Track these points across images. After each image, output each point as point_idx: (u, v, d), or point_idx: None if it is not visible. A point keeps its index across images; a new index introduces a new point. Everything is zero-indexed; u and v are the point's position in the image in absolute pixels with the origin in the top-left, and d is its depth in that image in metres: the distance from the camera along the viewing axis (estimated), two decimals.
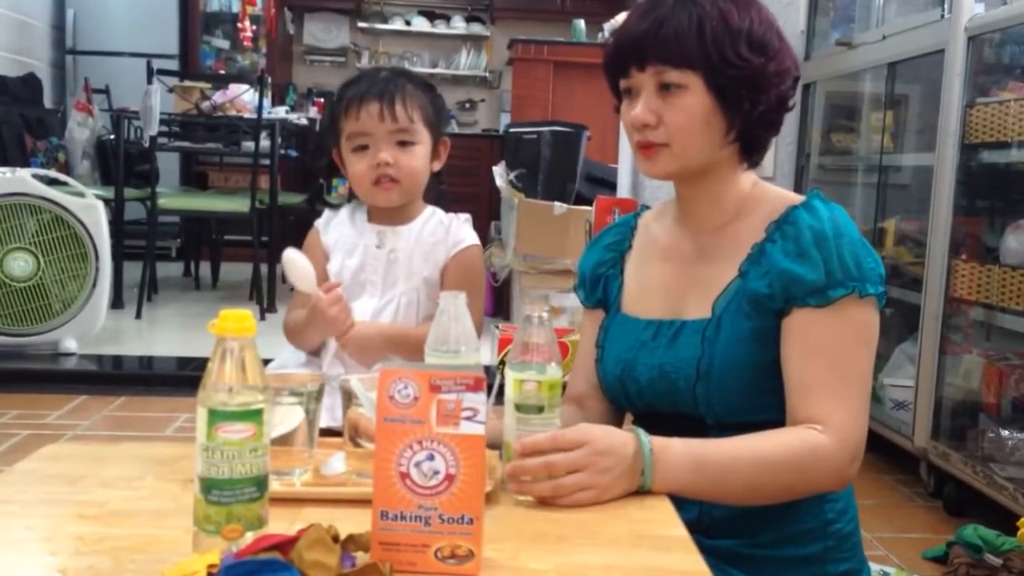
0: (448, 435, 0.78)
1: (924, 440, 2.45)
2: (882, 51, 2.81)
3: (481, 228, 5.37)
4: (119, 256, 4.32)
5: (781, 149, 3.29)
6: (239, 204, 4.51)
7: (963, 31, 2.36)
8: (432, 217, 1.53)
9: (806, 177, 3.31)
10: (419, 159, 1.48)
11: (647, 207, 1.30)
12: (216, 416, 0.77)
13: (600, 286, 1.25)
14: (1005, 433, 2.28)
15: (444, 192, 1.60)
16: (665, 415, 1.12)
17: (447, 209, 1.57)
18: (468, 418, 0.78)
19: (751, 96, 1.08)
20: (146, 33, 6.18)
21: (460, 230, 1.52)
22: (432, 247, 1.50)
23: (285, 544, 0.74)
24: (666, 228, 1.22)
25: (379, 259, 1.50)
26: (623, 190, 3.67)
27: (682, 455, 0.99)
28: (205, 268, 5.55)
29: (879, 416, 2.64)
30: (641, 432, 0.98)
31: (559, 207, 3.71)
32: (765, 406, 1.07)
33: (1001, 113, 2.26)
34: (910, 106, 2.93)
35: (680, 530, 0.89)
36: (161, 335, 4.25)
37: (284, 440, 0.96)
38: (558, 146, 3.96)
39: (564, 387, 1.04)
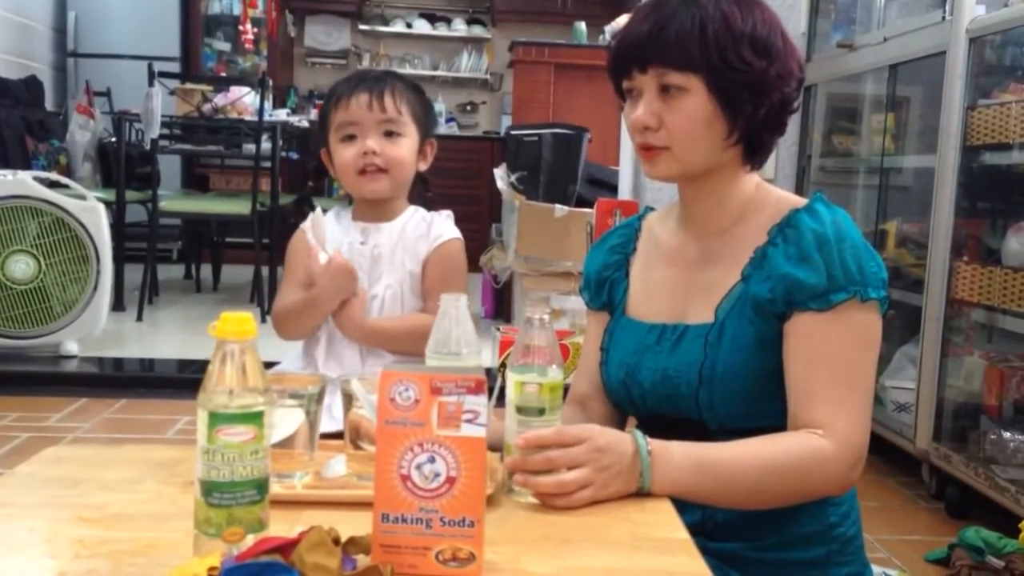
0: (449, 438, 0.78)
1: (926, 442, 2.44)
2: (883, 53, 2.80)
3: (482, 230, 5.37)
4: (120, 258, 4.32)
5: (782, 151, 3.29)
6: (240, 206, 4.51)
7: (964, 33, 2.36)
8: (415, 214, 1.57)
9: (807, 179, 3.31)
10: (405, 150, 1.51)
11: (651, 208, 1.30)
12: (216, 419, 0.76)
13: (605, 289, 1.24)
14: (1007, 435, 2.27)
15: (430, 199, 1.62)
16: (669, 419, 1.12)
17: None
18: (469, 420, 0.78)
19: (753, 99, 1.07)
20: (147, 35, 6.19)
21: (442, 225, 1.56)
22: (415, 242, 1.53)
23: (286, 547, 0.73)
24: (670, 231, 1.21)
25: (363, 255, 1.52)
26: (624, 192, 3.67)
27: (682, 458, 0.98)
28: (206, 270, 5.55)
29: (881, 418, 2.63)
30: (638, 434, 0.98)
31: (560, 209, 3.71)
32: (768, 412, 1.07)
33: (1002, 115, 2.26)
34: (911, 108, 2.93)
35: (682, 533, 0.89)
36: (162, 337, 4.25)
37: (285, 441, 0.96)
38: (559, 148, 3.96)
39: (565, 389, 1.04)
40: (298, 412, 0.98)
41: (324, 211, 1.61)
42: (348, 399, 1.01)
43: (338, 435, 1.08)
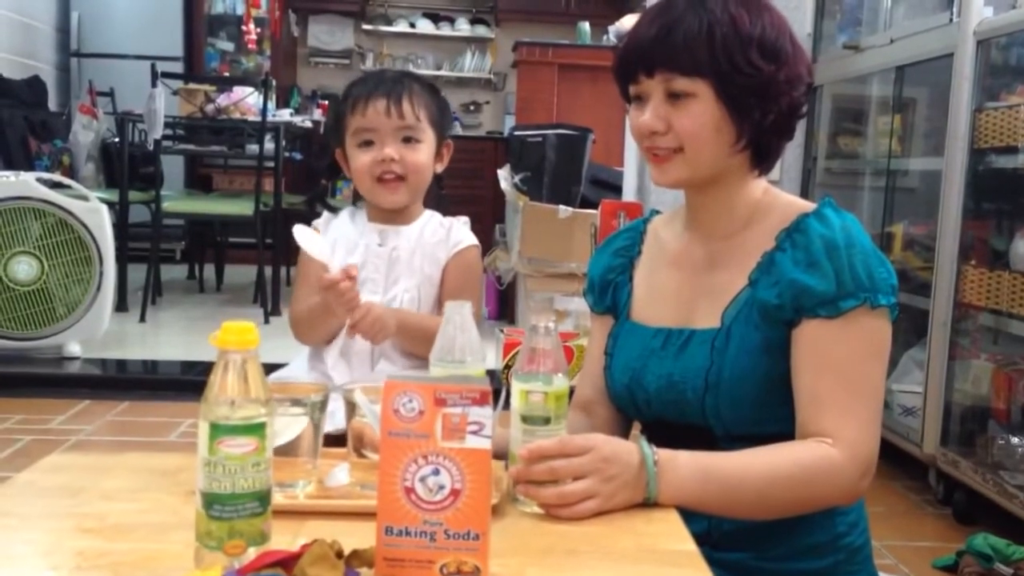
0: (453, 449, 0.76)
1: (933, 447, 2.43)
2: (890, 54, 2.79)
3: (486, 231, 5.38)
4: (123, 259, 4.32)
5: (788, 153, 3.26)
6: (243, 207, 4.51)
7: (972, 35, 2.34)
8: (432, 219, 1.56)
9: (813, 181, 3.29)
10: (424, 156, 1.49)
11: (657, 211, 1.29)
12: (218, 430, 0.75)
13: (609, 292, 1.23)
14: (1015, 440, 2.26)
15: (444, 197, 1.61)
16: (674, 425, 1.11)
17: (447, 214, 1.58)
18: (474, 432, 0.76)
19: (762, 104, 1.06)
20: (150, 35, 6.18)
21: (460, 231, 1.54)
22: (433, 247, 1.52)
23: (288, 560, 0.72)
24: (676, 234, 1.20)
25: (381, 257, 1.50)
26: (628, 194, 3.66)
27: (688, 467, 0.97)
28: (209, 271, 5.55)
29: (888, 422, 2.61)
30: (645, 443, 0.97)
31: (564, 210, 3.69)
32: (775, 418, 1.06)
33: (1010, 118, 2.24)
34: (918, 110, 2.92)
35: (689, 544, 0.88)
36: (165, 339, 4.24)
37: (288, 449, 0.95)
38: (563, 149, 3.95)
39: (571, 396, 1.03)
40: (302, 420, 0.97)
41: (333, 209, 1.59)
42: (351, 407, 0.99)
43: (341, 437, 1.07)
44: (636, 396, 1.14)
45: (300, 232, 1.38)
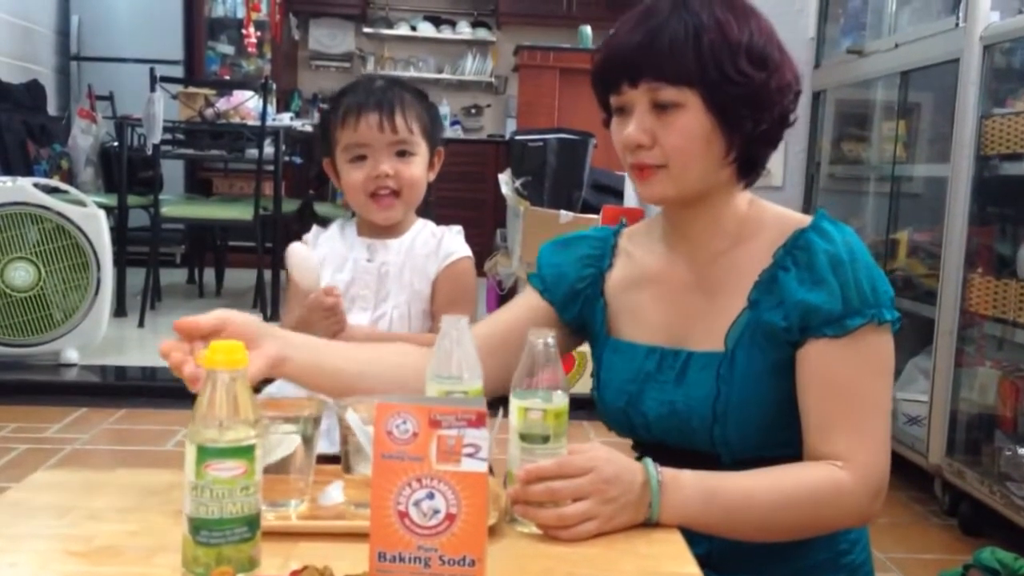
0: (449, 473, 0.74)
1: (939, 457, 2.40)
2: (894, 60, 2.76)
3: (487, 236, 5.33)
4: (122, 263, 4.30)
5: (791, 158, 3.24)
6: (243, 211, 4.49)
7: (978, 40, 2.32)
8: (424, 229, 1.52)
9: (816, 187, 3.27)
10: (418, 169, 1.46)
11: (625, 224, 1.23)
12: (205, 453, 0.73)
13: (578, 304, 1.16)
14: (1022, 451, 2.23)
15: (432, 203, 1.58)
16: (676, 449, 1.07)
17: (436, 220, 1.55)
18: (469, 455, 0.74)
19: (753, 114, 1.01)
20: (150, 39, 6.17)
21: (451, 242, 1.50)
22: (423, 260, 1.48)
23: None
24: (652, 250, 1.14)
25: (370, 273, 1.48)
26: (630, 199, 3.63)
27: (693, 487, 0.94)
28: (209, 275, 5.53)
29: (892, 432, 2.58)
30: (649, 463, 0.94)
31: (565, 215, 3.67)
32: (784, 441, 1.03)
33: (1017, 124, 2.22)
34: (923, 115, 2.89)
35: (692, 567, 0.86)
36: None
37: (280, 468, 0.93)
38: (564, 153, 3.93)
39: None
40: (294, 438, 0.94)
41: (325, 223, 1.57)
42: (345, 427, 0.97)
43: (336, 458, 1.04)
44: (634, 420, 1.10)
45: (294, 255, 1.38)
